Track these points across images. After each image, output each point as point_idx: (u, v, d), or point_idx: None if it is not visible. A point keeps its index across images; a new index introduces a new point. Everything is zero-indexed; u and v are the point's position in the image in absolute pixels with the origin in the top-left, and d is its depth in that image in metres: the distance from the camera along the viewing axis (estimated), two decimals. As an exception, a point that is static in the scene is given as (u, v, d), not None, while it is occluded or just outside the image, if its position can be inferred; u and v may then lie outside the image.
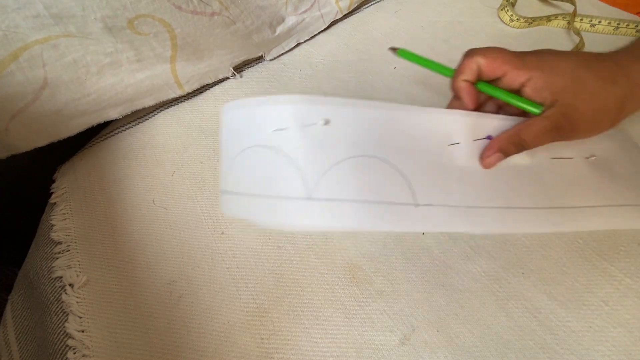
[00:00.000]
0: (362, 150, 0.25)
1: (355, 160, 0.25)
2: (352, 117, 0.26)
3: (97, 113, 0.34)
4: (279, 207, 0.24)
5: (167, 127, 0.37)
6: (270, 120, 0.25)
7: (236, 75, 0.41)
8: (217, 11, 0.34)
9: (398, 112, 0.27)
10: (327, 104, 0.26)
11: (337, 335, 0.24)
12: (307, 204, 0.23)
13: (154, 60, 0.34)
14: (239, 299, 0.26)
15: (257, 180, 0.25)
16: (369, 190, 0.24)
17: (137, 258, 0.28)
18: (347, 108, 0.26)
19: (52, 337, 0.25)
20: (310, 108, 0.25)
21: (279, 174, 0.24)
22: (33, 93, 0.29)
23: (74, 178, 0.34)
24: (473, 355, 0.23)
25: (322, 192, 0.23)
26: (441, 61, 0.40)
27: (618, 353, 0.22)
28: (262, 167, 0.25)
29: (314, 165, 0.24)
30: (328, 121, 0.25)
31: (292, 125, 0.25)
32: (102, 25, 0.29)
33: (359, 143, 0.25)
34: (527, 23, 0.42)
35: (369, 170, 0.25)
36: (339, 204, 0.24)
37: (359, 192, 0.24)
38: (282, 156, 0.25)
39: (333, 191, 0.24)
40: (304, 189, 0.24)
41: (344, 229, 0.25)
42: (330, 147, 0.25)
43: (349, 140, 0.25)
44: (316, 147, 0.25)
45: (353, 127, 0.26)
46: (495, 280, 0.25)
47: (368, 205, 0.24)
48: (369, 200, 0.24)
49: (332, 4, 0.43)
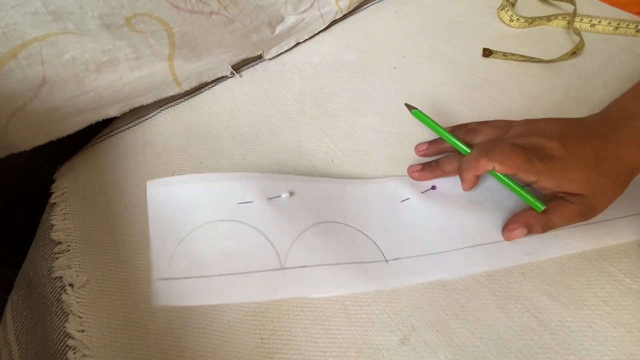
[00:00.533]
0: (326, 217, 0.26)
1: (321, 226, 0.25)
2: (313, 189, 0.27)
3: (96, 111, 0.34)
4: (249, 282, 0.24)
5: (167, 127, 0.37)
6: (231, 194, 0.25)
7: (235, 74, 0.41)
8: (215, 10, 0.34)
9: (348, 185, 0.29)
10: (289, 180, 0.27)
11: (337, 335, 0.24)
12: (281, 274, 0.24)
13: (152, 58, 0.33)
14: (239, 299, 0.26)
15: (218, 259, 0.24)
16: (340, 252, 0.25)
17: (137, 258, 0.28)
18: (307, 182, 0.28)
19: (52, 337, 0.25)
20: (273, 182, 0.26)
21: (247, 248, 0.24)
22: (32, 91, 0.29)
23: (74, 178, 0.34)
24: (473, 355, 0.23)
25: (294, 260, 0.24)
26: (441, 61, 0.40)
27: (618, 353, 0.22)
28: (224, 243, 0.24)
29: (282, 234, 0.25)
30: (293, 193, 0.26)
31: (257, 198, 0.25)
32: (100, 23, 0.29)
33: (321, 211, 0.26)
34: (527, 23, 0.42)
35: (336, 234, 0.26)
36: (312, 269, 0.24)
37: (331, 255, 0.25)
38: (250, 229, 0.24)
39: (305, 257, 0.24)
40: (277, 260, 0.24)
41: (320, 296, 0.24)
42: (296, 216, 0.25)
43: (313, 209, 0.26)
44: (283, 218, 0.25)
45: (315, 197, 0.27)
46: (495, 280, 0.25)
47: (341, 267, 0.24)
48: (342, 262, 0.24)
49: (332, 3, 0.43)
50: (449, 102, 0.36)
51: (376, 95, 0.38)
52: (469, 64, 0.40)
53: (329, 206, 0.27)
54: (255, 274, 0.24)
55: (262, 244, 0.24)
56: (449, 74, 0.39)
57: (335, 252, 0.25)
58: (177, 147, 0.35)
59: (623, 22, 0.40)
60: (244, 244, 0.24)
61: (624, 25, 0.40)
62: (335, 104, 0.37)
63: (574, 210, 0.24)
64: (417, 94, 0.37)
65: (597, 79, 0.37)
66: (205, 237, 0.25)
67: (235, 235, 0.25)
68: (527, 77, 0.38)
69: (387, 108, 0.37)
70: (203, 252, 0.25)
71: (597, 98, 0.35)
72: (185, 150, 0.35)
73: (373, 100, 0.38)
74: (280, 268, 0.24)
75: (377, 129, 0.35)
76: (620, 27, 0.40)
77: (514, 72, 0.38)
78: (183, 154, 0.35)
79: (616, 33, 0.40)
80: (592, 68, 0.38)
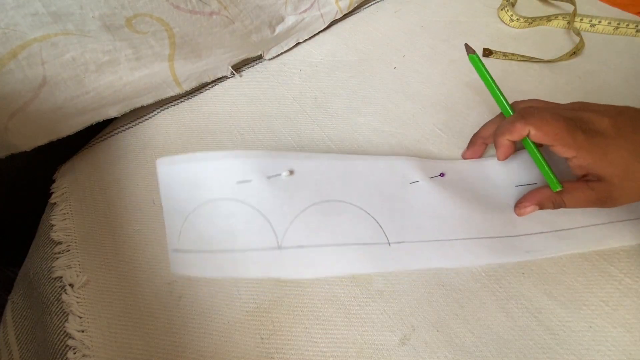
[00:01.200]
0: (328, 196, 0.25)
1: (322, 205, 0.25)
2: (315, 167, 0.26)
3: (96, 111, 0.34)
4: (248, 260, 0.24)
5: (167, 127, 0.37)
6: (231, 173, 0.25)
7: (235, 74, 0.41)
8: (215, 11, 0.34)
9: (355, 161, 0.27)
10: (289, 157, 0.26)
11: (337, 335, 0.24)
12: (278, 253, 0.24)
13: (152, 58, 0.33)
14: (239, 299, 0.26)
15: (220, 235, 0.25)
16: (340, 233, 0.24)
17: (137, 258, 0.28)
18: (309, 160, 0.27)
19: (52, 337, 0.25)
20: (273, 159, 0.25)
21: (246, 226, 0.24)
22: (32, 91, 0.29)
23: (74, 178, 0.34)
24: (473, 355, 0.23)
25: (291, 240, 0.24)
26: (441, 61, 0.40)
27: (618, 353, 0.22)
28: (225, 221, 0.25)
29: (281, 214, 0.24)
30: (292, 172, 0.25)
31: (256, 177, 0.25)
32: (101, 24, 0.29)
33: (322, 190, 0.25)
34: (527, 23, 0.42)
35: (337, 214, 0.25)
36: (309, 250, 0.24)
37: (330, 236, 0.24)
38: (249, 208, 0.24)
39: (302, 238, 0.24)
40: (274, 239, 0.24)
41: (315, 277, 0.24)
42: (296, 195, 0.25)
43: (313, 188, 0.25)
44: (282, 197, 0.25)
45: (316, 176, 0.26)
46: (495, 280, 0.25)
47: (340, 248, 0.24)
48: (341, 244, 0.24)
49: (332, 3, 0.43)
50: (449, 102, 0.36)
51: (376, 95, 0.38)
52: (469, 64, 0.39)
53: (332, 184, 0.26)
54: (253, 252, 0.24)
55: (260, 223, 0.24)
56: (449, 74, 0.39)
57: (335, 232, 0.25)
58: (177, 147, 0.35)
59: (623, 22, 0.40)
60: (243, 223, 0.25)
61: (624, 25, 0.40)
62: (335, 104, 0.38)
63: (591, 196, 0.23)
64: (417, 94, 0.37)
65: (597, 79, 0.37)
66: (208, 214, 0.25)
67: (235, 214, 0.25)
68: (527, 77, 0.38)
69: (387, 108, 0.37)
70: (207, 228, 0.25)
71: (597, 98, 0.35)
72: (185, 150, 0.35)
73: (373, 100, 0.38)
74: (277, 247, 0.24)
75: (377, 129, 0.35)
76: (620, 27, 0.40)
77: (514, 72, 0.38)
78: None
79: (616, 33, 0.40)
80: (592, 68, 0.38)
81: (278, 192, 0.25)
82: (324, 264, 0.24)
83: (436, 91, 0.37)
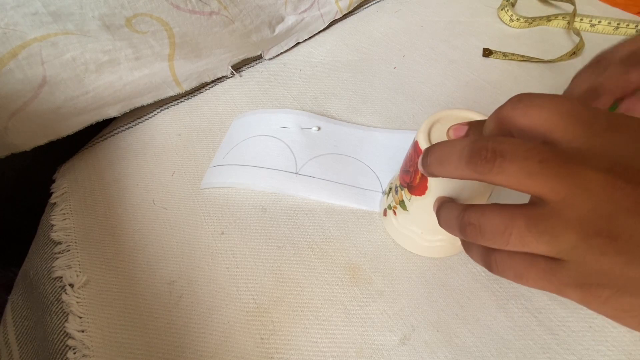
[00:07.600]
0: (343, 151, 0.33)
1: (336, 156, 0.33)
2: (338, 128, 0.35)
3: (96, 111, 0.34)
4: (273, 176, 0.31)
5: (167, 127, 0.37)
6: (277, 121, 0.35)
7: (235, 74, 0.41)
8: (215, 10, 0.34)
9: (374, 132, 0.35)
10: (321, 119, 0.35)
11: (337, 335, 0.24)
12: (294, 176, 0.31)
13: (152, 58, 0.33)
14: (239, 298, 0.26)
15: (256, 156, 0.33)
16: (344, 175, 0.31)
17: (137, 258, 0.28)
18: (335, 124, 0.35)
19: (52, 337, 0.25)
20: (309, 118, 0.35)
21: (277, 153, 0.33)
22: (32, 91, 0.29)
23: (74, 178, 0.34)
24: (473, 355, 0.23)
25: (306, 170, 0.31)
26: (441, 61, 0.40)
27: (618, 353, 0.22)
28: (263, 148, 0.33)
29: (304, 152, 0.33)
30: (320, 128, 0.35)
31: (294, 126, 0.34)
32: (100, 23, 0.29)
33: (340, 146, 0.34)
34: (527, 23, 0.42)
35: (346, 164, 0.32)
36: (318, 181, 0.31)
37: (335, 175, 0.31)
38: (282, 143, 0.33)
39: (315, 171, 0.32)
40: (294, 167, 0.32)
41: (318, 200, 0.31)
42: (319, 144, 0.33)
43: (333, 143, 0.34)
44: (308, 143, 0.33)
45: (337, 135, 0.34)
46: (495, 280, 0.25)
47: (341, 186, 0.31)
48: (342, 182, 0.31)
49: (331, 3, 0.43)
50: (449, 102, 0.36)
51: (376, 95, 0.38)
52: (469, 64, 0.40)
53: (349, 144, 0.33)
54: (276, 172, 0.31)
55: (287, 155, 0.32)
56: (449, 74, 0.39)
57: (341, 175, 0.31)
58: (177, 147, 0.35)
59: (623, 22, 0.40)
60: (276, 151, 0.33)
61: (624, 25, 0.40)
62: (335, 104, 0.38)
63: None
64: (417, 94, 0.37)
65: (597, 79, 0.37)
66: (253, 143, 0.34)
67: (271, 146, 0.33)
68: (527, 77, 0.38)
69: (387, 108, 0.37)
70: (249, 150, 0.33)
71: (597, 98, 0.35)
72: (185, 150, 0.35)
73: (373, 100, 0.38)
74: (295, 173, 0.31)
75: (377, 129, 0.35)
76: (620, 27, 0.40)
77: (514, 72, 0.38)
78: (183, 154, 0.35)
79: (616, 33, 0.40)
80: (592, 68, 0.38)
81: (307, 139, 0.33)
82: (326, 192, 0.30)
83: (436, 91, 0.37)
